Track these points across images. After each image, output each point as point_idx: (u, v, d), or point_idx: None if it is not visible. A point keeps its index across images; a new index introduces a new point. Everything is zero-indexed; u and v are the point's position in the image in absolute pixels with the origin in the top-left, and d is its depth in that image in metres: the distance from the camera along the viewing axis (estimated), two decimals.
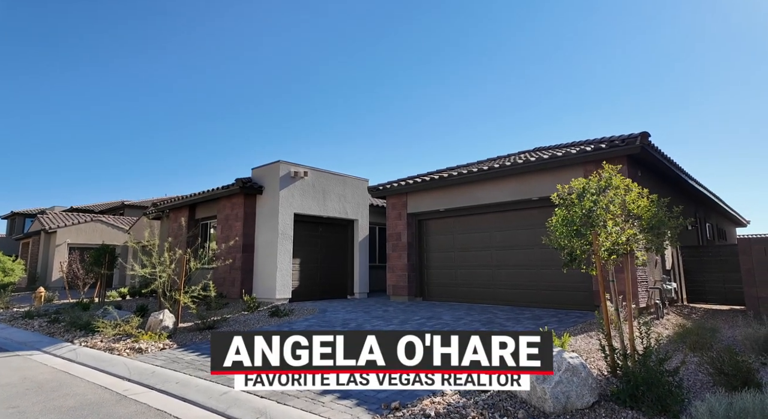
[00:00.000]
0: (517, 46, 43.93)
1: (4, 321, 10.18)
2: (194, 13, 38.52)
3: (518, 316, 7.99)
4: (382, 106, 54.39)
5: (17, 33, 39.95)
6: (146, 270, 8.11)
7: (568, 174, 8.30)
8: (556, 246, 4.71)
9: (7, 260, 17.59)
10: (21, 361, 6.25)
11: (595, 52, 43.86)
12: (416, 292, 11.12)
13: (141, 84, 47.03)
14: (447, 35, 43.30)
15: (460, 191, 10.37)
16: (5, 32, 38.40)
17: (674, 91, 55.15)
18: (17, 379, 5.15)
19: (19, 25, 39.50)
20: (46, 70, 43.73)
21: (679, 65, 47.17)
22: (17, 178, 61.18)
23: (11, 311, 12.03)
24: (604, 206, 4.51)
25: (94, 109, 51.65)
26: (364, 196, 13.43)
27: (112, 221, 24.87)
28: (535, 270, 9.14)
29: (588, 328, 6.59)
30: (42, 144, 57.44)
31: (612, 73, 50.42)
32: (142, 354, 6.23)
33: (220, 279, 11.81)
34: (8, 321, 10.12)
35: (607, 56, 44.85)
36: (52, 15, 37.98)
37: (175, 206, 14.26)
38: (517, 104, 55.42)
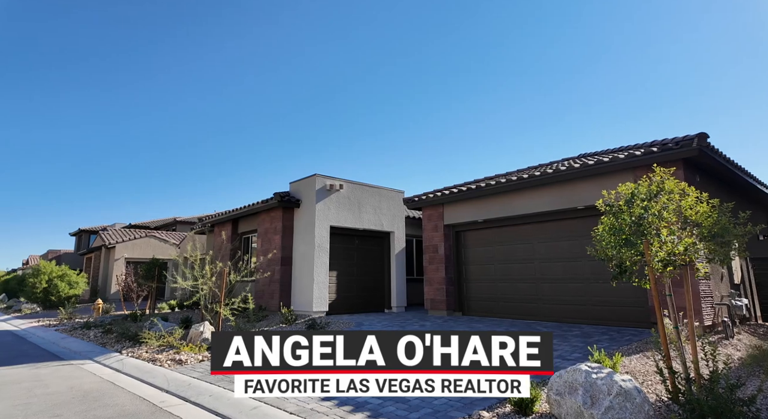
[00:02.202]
0: (556, 56, 42.72)
1: (65, 331, 10.86)
2: (238, 28, 40.69)
3: (565, 333, 7.46)
4: (415, 119, 54.48)
5: (69, 52, 43.89)
6: (188, 283, 8.36)
7: (615, 181, 7.74)
8: (603, 257, 4.33)
9: (73, 274, 18.98)
10: (72, 370, 6.57)
11: (636, 60, 41.78)
12: (455, 306, 10.74)
13: (187, 109, 50.06)
14: (484, 47, 42.93)
15: (499, 200, 9.99)
16: (69, 52, 42.29)
17: (726, 94, 51.23)
18: (65, 388, 5.38)
19: (77, 44, 43.39)
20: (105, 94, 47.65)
21: (733, 68, 43.87)
22: (86, 198, 66.49)
23: (73, 321, 12.85)
24: (656, 213, 4.10)
25: (150, 138, 55.49)
26: (399, 208, 13.30)
27: (164, 236, 26.27)
28: (583, 284, 8.55)
29: (644, 347, 6.02)
30: (104, 164, 62.34)
31: (659, 79, 47.73)
32: (182, 366, 6.35)
33: (260, 292, 12.02)
34: (69, 331, 10.78)
35: (649, 63, 42.56)
36: (109, 36, 41.43)
37: (219, 221, 14.79)
38: (554, 116, 53.64)
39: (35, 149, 65.26)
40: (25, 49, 46.69)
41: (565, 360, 5.53)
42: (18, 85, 50.45)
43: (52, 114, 53.71)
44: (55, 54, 47.13)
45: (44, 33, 45.04)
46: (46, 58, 48.03)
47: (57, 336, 10.17)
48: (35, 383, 5.66)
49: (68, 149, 65.17)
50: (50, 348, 8.73)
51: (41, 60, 47.89)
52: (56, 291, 17.84)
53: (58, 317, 13.57)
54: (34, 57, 47.82)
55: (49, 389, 5.32)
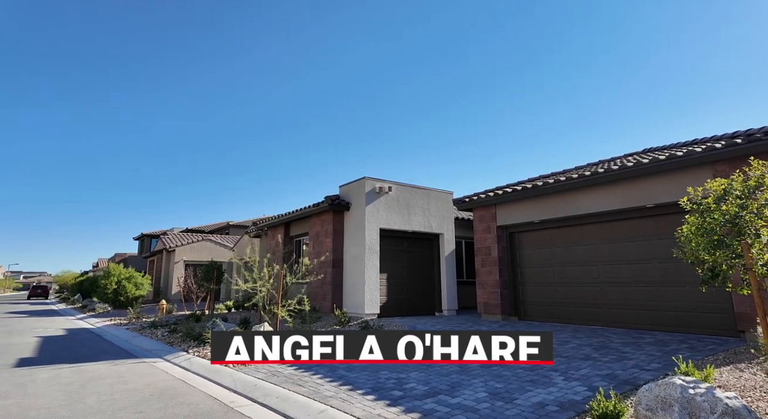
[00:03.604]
0: (615, 49, 40.56)
1: (135, 329, 11.58)
2: (288, 31, 41.89)
3: (637, 340, 6.96)
4: (469, 119, 53.71)
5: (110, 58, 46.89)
6: (248, 285, 8.62)
7: (691, 177, 7.16)
8: (692, 260, 3.97)
9: (138, 276, 20.30)
10: (147, 368, 6.95)
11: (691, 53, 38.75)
12: (510, 310, 10.38)
13: (233, 113, 52.14)
14: (542, 43, 41.60)
15: (556, 200, 9.55)
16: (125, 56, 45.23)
17: None
18: (142, 385, 5.69)
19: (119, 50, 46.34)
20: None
21: None
22: (148, 203, 71.10)
23: (141, 320, 13.70)
24: (755, 211, 3.70)
25: (203, 143, 58.33)
26: (448, 209, 13.08)
27: (219, 239, 27.49)
28: (655, 288, 7.96)
29: (733, 358, 5.47)
30: (161, 172, 66.39)
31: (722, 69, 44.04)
32: (246, 366, 6.53)
33: (313, 293, 12.23)
34: (138, 330, 11.48)
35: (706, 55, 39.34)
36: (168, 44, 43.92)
37: (272, 225, 15.23)
38: (613, 112, 50.93)
39: (99, 157, 70.71)
40: (77, 56, 50.69)
41: (644, 370, 5.14)
42: (78, 92, 54.94)
43: (108, 121, 57.94)
44: (101, 58, 50.76)
45: (102, 34, 48.68)
46: (95, 63, 51.84)
47: (129, 335, 10.85)
48: (116, 379, 6.02)
49: (128, 155, 70.06)
50: (124, 346, 9.32)
51: (92, 64, 51.69)
52: (124, 292, 19.15)
53: (128, 316, 14.52)
54: (93, 61, 51.75)
55: (129, 385, 5.64)
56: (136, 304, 17.36)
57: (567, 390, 4.54)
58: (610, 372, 5.13)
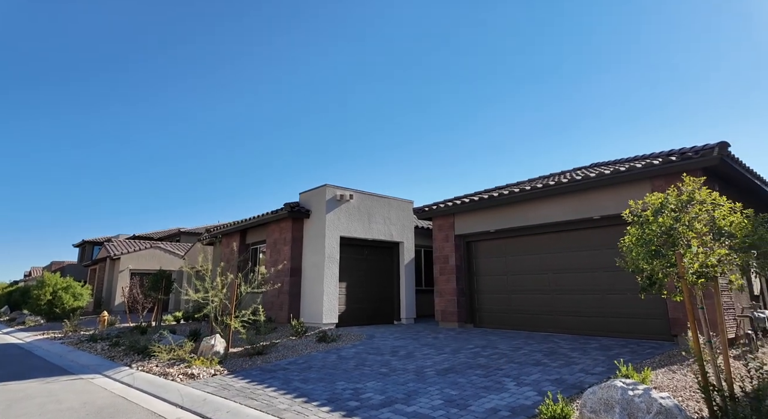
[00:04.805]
0: (563, 66, 43.01)
1: (71, 343, 10.71)
2: (237, 43, 41.09)
3: (584, 346, 7.30)
4: (426, 128, 54.72)
5: (79, 72, 44.37)
6: (199, 295, 8.25)
7: (632, 190, 7.68)
8: (633, 269, 4.23)
9: (77, 286, 18.86)
10: (83, 385, 6.43)
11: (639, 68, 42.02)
12: (467, 318, 10.59)
13: (188, 116, 50.40)
14: (492, 56, 43.25)
15: (511, 210, 9.91)
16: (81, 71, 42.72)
17: (744, 102, 51.38)
18: (78, 404, 5.26)
19: (90, 65, 43.85)
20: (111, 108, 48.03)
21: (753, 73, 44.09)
22: (89, 208, 66.60)
23: (78, 334, 12.69)
24: (686, 223, 4.01)
25: (151, 141, 55.77)
26: (409, 218, 13.22)
27: (169, 247, 26.18)
28: (600, 295, 8.41)
29: (668, 361, 5.87)
30: (107, 174, 62.58)
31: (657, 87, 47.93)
32: (195, 380, 6.22)
33: (269, 303, 11.89)
34: (75, 343, 10.63)
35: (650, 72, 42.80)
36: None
37: (227, 232, 14.72)
38: (563, 124, 53.83)
39: (36, 164, 65.71)
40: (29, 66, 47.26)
41: (589, 374, 5.39)
42: (18, 105, 50.99)
43: (56, 133, 54.12)
44: (52, 72, 47.65)
45: (44, 51, 45.63)
46: (43, 76, 48.57)
47: (64, 349, 10.03)
48: (48, 398, 5.53)
49: (71, 162, 65.62)
50: (58, 362, 8.59)
51: (41, 77, 48.41)
52: (61, 303, 17.70)
53: (63, 329, 13.42)
54: (38, 74, 48.36)
55: (63, 405, 5.20)
56: (73, 316, 16.05)
57: (519, 395, 4.67)
58: (559, 376, 5.34)
